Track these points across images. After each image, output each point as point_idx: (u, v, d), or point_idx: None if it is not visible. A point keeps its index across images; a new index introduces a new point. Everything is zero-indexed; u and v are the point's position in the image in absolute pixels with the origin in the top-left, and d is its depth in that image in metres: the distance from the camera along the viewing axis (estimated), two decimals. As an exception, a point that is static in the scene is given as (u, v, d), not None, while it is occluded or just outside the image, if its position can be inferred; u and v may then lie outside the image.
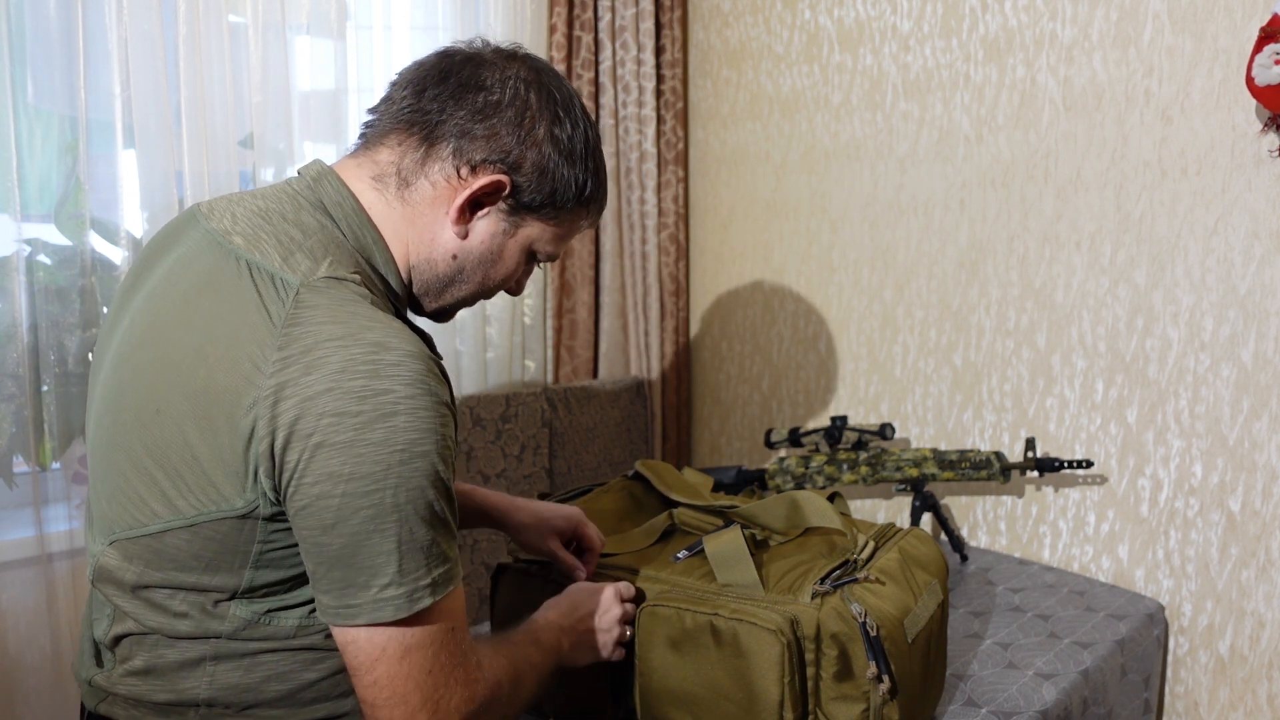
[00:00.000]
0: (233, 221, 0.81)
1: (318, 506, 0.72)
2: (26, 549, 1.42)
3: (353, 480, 0.70)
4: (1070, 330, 1.53)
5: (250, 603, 0.79)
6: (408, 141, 0.84)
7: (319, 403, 0.70)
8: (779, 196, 1.98)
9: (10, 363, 1.38)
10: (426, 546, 0.74)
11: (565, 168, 0.86)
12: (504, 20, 1.86)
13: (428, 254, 0.87)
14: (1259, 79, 1.24)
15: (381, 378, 0.71)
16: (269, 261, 0.77)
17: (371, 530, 0.72)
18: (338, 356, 0.71)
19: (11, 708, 1.41)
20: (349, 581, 0.73)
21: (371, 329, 0.73)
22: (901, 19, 1.72)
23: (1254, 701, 1.38)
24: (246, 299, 0.75)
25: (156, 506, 0.77)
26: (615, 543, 1.15)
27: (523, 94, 0.84)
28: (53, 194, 1.43)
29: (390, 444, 0.71)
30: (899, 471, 1.55)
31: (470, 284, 0.90)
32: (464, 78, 0.84)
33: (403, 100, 0.85)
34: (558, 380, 2.03)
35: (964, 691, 1.16)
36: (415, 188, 0.85)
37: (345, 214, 0.83)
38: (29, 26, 1.37)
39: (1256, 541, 1.36)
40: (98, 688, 0.84)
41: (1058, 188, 1.53)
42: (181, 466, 0.75)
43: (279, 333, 0.73)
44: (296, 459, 0.71)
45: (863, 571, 1.00)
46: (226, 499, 0.74)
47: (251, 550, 0.77)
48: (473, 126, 0.83)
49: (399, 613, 0.73)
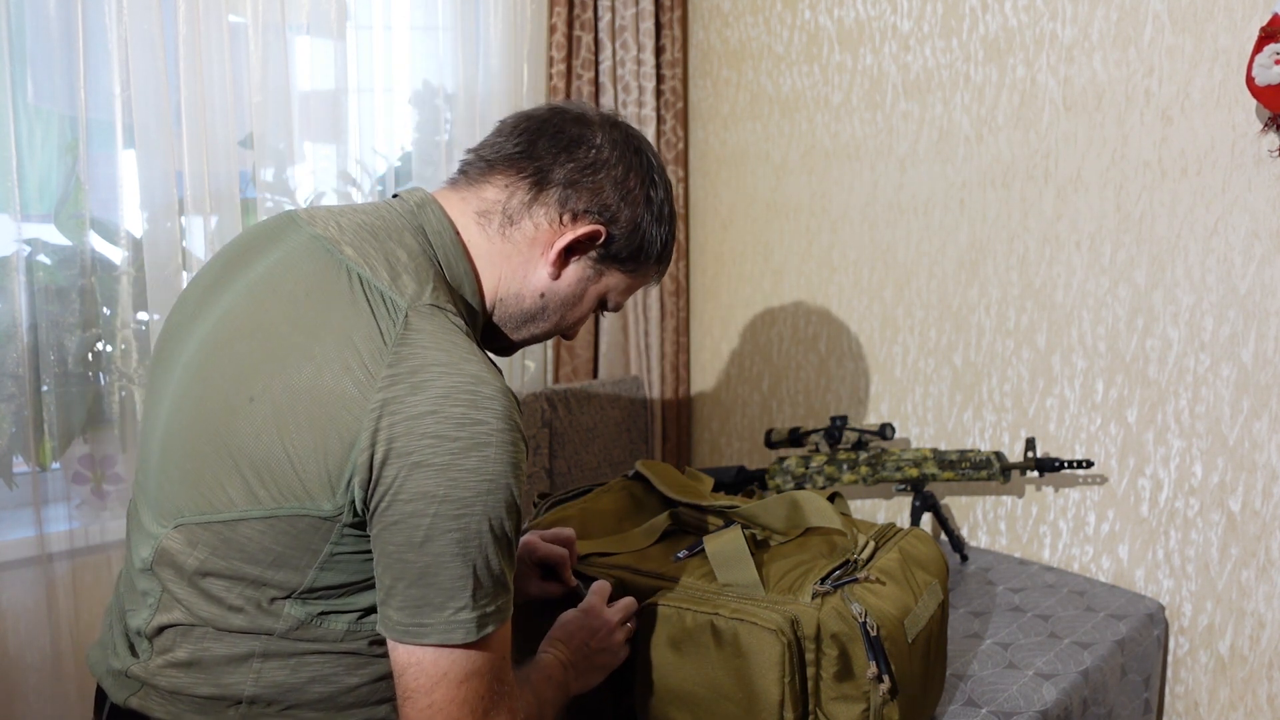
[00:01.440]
0: (339, 231, 0.85)
1: (409, 524, 0.74)
2: (27, 549, 1.42)
3: (445, 502, 0.74)
4: (1070, 330, 1.53)
5: (306, 603, 0.81)
6: (517, 183, 0.90)
7: (422, 424, 0.73)
8: (779, 196, 1.98)
9: (10, 363, 1.38)
10: (497, 574, 0.77)
11: (654, 227, 0.94)
12: (504, 20, 1.86)
13: (518, 289, 0.92)
14: (1259, 79, 1.24)
15: (480, 409, 0.75)
16: (379, 279, 0.80)
17: (456, 553, 0.75)
18: (442, 382, 0.75)
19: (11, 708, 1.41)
20: (425, 600, 0.75)
21: (470, 361, 0.77)
22: (901, 19, 1.72)
23: (1254, 701, 1.38)
24: (359, 310, 0.78)
25: (234, 494, 0.78)
26: (615, 543, 1.14)
27: (627, 157, 0.92)
28: (53, 194, 1.43)
29: (482, 473, 0.74)
30: (899, 471, 1.55)
31: (548, 323, 0.96)
32: (574, 135, 0.91)
33: (515, 145, 0.91)
34: (558, 380, 2.03)
35: (964, 691, 1.16)
36: (519, 226, 0.90)
37: (444, 244, 0.88)
38: (29, 26, 1.37)
39: (1256, 541, 1.36)
40: (134, 678, 0.84)
41: (1058, 188, 1.53)
42: (269, 458, 0.77)
43: (390, 350, 0.76)
44: (394, 475, 0.74)
45: (863, 571, 1.00)
46: (313, 498, 0.76)
47: (323, 550, 0.78)
48: (580, 178, 0.90)
49: (469, 636, 0.76)
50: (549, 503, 1.26)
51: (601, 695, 1.05)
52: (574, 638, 0.98)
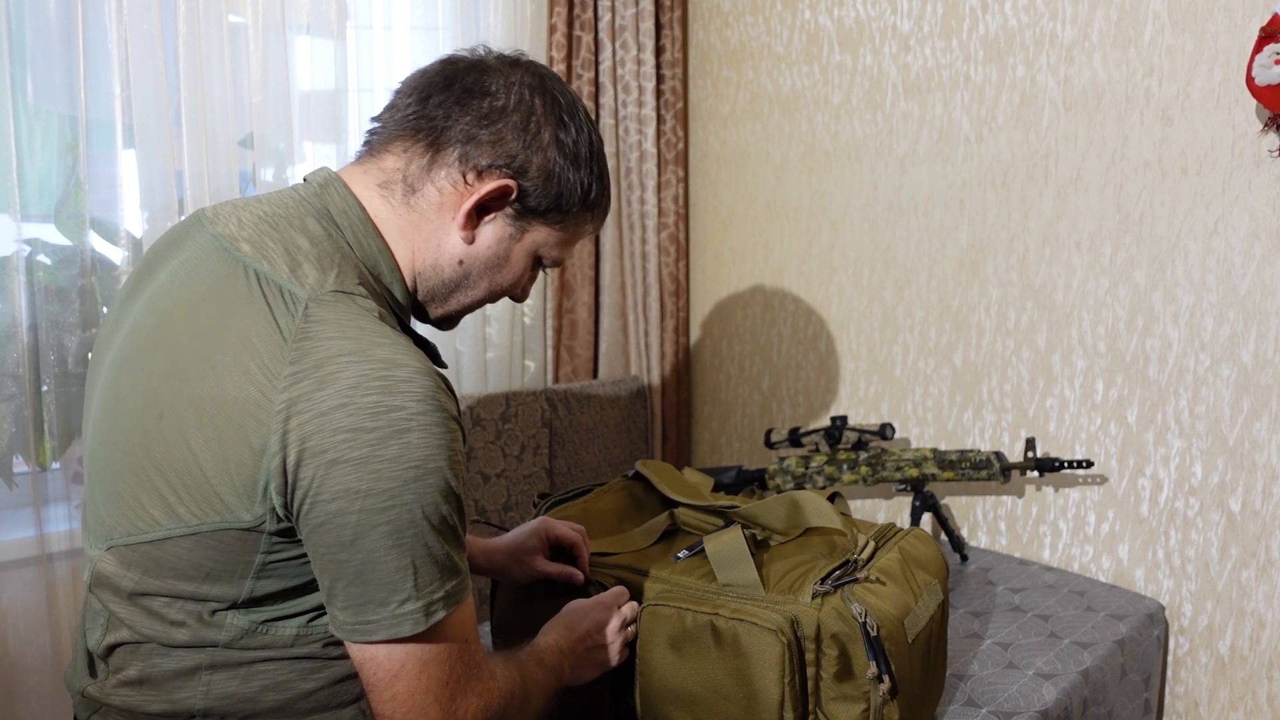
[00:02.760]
0: (239, 227, 0.81)
1: (335, 524, 0.71)
2: (26, 549, 1.41)
3: (369, 496, 0.70)
4: (1070, 330, 1.53)
5: (249, 612, 0.78)
6: (414, 148, 0.85)
7: (333, 419, 0.70)
8: (779, 196, 1.98)
9: (10, 363, 1.38)
10: (441, 560, 0.74)
11: (570, 172, 0.87)
12: (504, 20, 1.86)
13: (434, 260, 0.87)
14: (1259, 79, 1.24)
15: (394, 394, 0.71)
16: (277, 272, 0.77)
17: (390, 546, 0.72)
18: (350, 372, 0.71)
19: (11, 708, 1.41)
20: (367, 598, 0.73)
21: (381, 345, 0.73)
22: (901, 19, 1.72)
23: (1254, 701, 1.38)
24: (257, 310, 0.75)
25: (156, 514, 0.76)
26: (615, 543, 1.15)
27: (528, 99, 0.85)
28: (53, 194, 1.43)
29: (405, 460, 0.71)
30: (899, 471, 1.55)
31: (476, 290, 0.91)
32: (469, 84, 0.84)
33: (407, 107, 0.86)
34: (558, 380, 2.03)
35: (964, 691, 1.16)
36: (422, 194, 0.85)
37: (351, 222, 0.84)
38: (29, 26, 1.37)
39: (1256, 541, 1.36)
40: (90, 699, 0.83)
41: (1058, 188, 1.53)
42: (184, 474, 0.74)
43: (290, 347, 0.72)
44: (311, 476, 0.71)
45: (863, 571, 1.00)
46: (232, 510, 0.74)
47: (254, 561, 0.76)
48: (478, 132, 0.83)
49: (417, 627, 0.73)
50: (549, 503, 1.26)
51: (602, 695, 1.05)
52: (578, 625, 0.97)
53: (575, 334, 2.04)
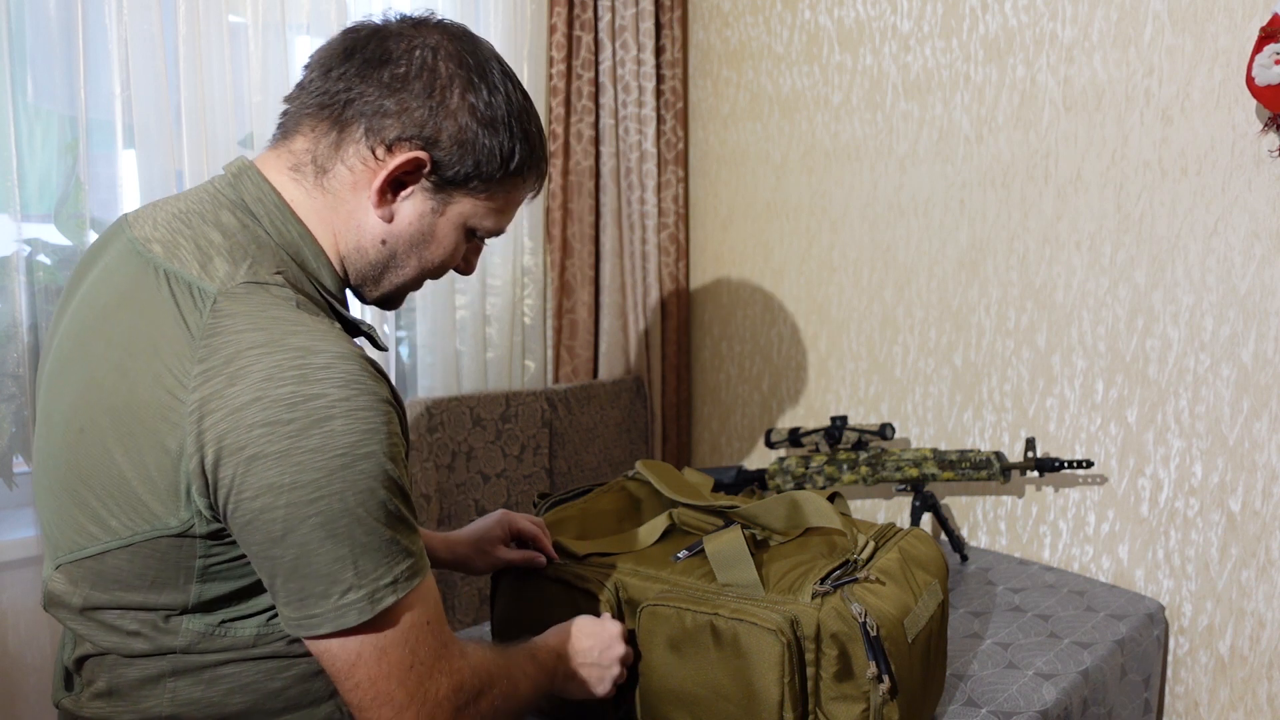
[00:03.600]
0: (153, 228, 0.78)
1: (262, 520, 0.69)
2: (27, 549, 1.41)
3: (295, 489, 0.68)
4: (1070, 330, 1.53)
5: (203, 616, 0.77)
6: (319, 126, 0.81)
7: (246, 414, 0.68)
8: (779, 196, 1.98)
9: (10, 363, 1.38)
10: (383, 546, 0.72)
11: (487, 136, 0.82)
12: (504, 20, 1.86)
13: (356, 241, 0.83)
14: (1259, 79, 1.24)
15: (311, 382, 0.68)
16: (186, 270, 0.74)
17: (324, 538, 0.69)
18: (261, 364, 0.68)
19: (12, 707, 1.41)
20: (307, 592, 0.71)
21: (296, 333, 0.70)
22: (901, 19, 1.72)
23: (1254, 701, 1.38)
24: (164, 311, 0.72)
25: (92, 528, 0.75)
26: (615, 543, 1.15)
27: (430, 62, 0.80)
28: (53, 194, 1.43)
29: (329, 449, 0.68)
30: (899, 471, 1.55)
31: (406, 268, 0.87)
32: (369, 53, 0.80)
33: (311, 84, 0.82)
34: (558, 380, 2.03)
35: (964, 691, 1.16)
36: (333, 174, 0.81)
37: (267, 210, 0.80)
38: (29, 26, 1.37)
39: (1256, 541, 1.36)
40: (67, 711, 0.83)
41: (1058, 188, 1.53)
42: (110, 486, 0.73)
43: (198, 345, 0.70)
44: (231, 474, 0.68)
45: (863, 571, 1.00)
46: (159, 518, 0.72)
47: (195, 566, 0.74)
48: (383, 103, 0.79)
49: (363, 616, 0.71)
50: (549, 503, 1.26)
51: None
52: (583, 638, 0.96)
53: (575, 334, 2.04)
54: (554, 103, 1.94)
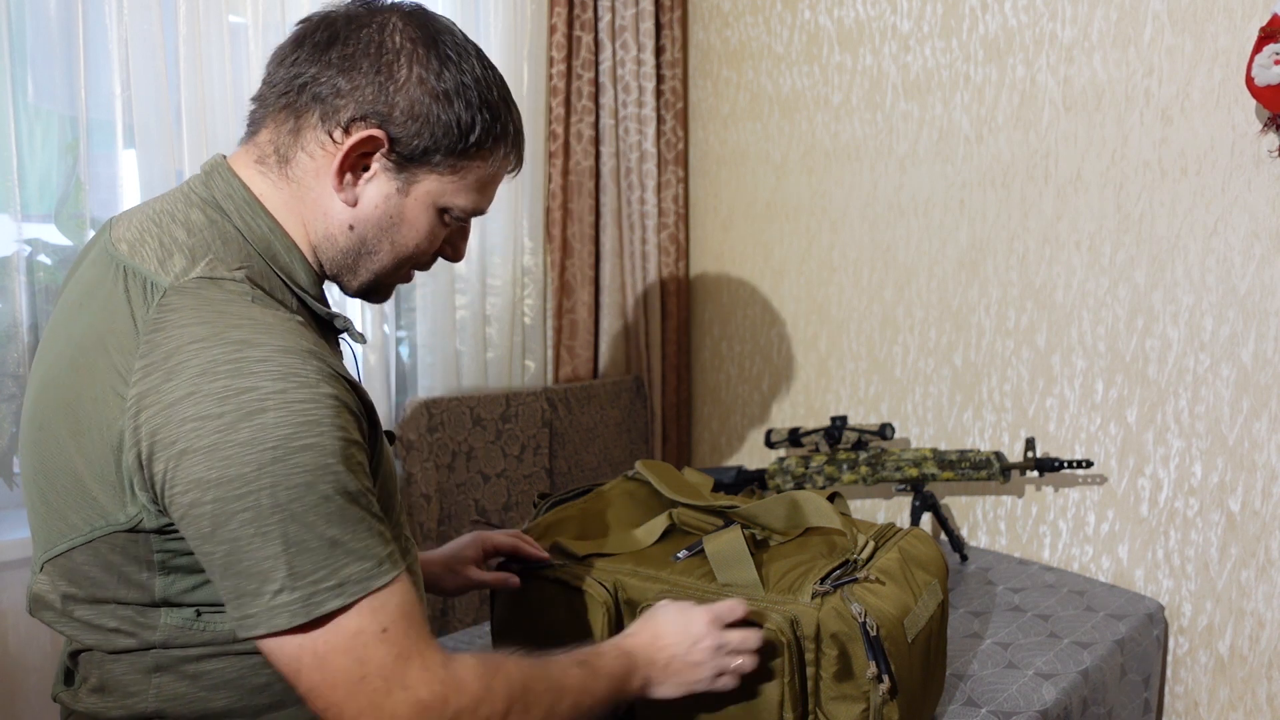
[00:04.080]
0: (126, 228, 0.78)
1: (192, 516, 0.67)
2: (26, 549, 1.41)
3: (221, 485, 0.66)
4: (1070, 330, 1.53)
5: (178, 610, 0.76)
6: (279, 117, 0.81)
7: (179, 409, 0.67)
8: (779, 196, 1.98)
9: (10, 363, 1.38)
10: (325, 546, 0.68)
11: (440, 109, 0.79)
12: (504, 20, 1.86)
13: (325, 229, 0.82)
14: (1259, 79, 1.24)
15: (244, 375, 0.67)
16: (145, 265, 0.74)
17: (252, 535, 0.66)
18: (198, 360, 0.67)
19: (12, 707, 1.41)
20: (241, 590, 0.68)
21: (239, 326, 0.69)
22: (901, 19, 1.72)
23: (1254, 701, 1.38)
24: (118, 306, 0.72)
25: (58, 525, 0.75)
26: (615, 543, 1.14)
27: (378, 39, 0.79)
28: (53, 194, 1.43)
29: (260, 443, 0.66)
30: (899, 471, 1.55)
31: (381, 254, 0.85)
32: (319, 39, 0.79)
33: (270, 78, 0.82)
34: (558, 380, 2.03)
35: (964, 691, 1.16)
36: (295, 163, 0.81)
37: (236, 205, 0.80)
38: (29, 26, 1.37)
39: (1256, 541, 1.36)
40: (63, 704, 0.83)
41: (1058, 188, 1.53)
42: (67, 481, 0.73)
43: (141, 340, 0.70)
44: (163, 469, 0.68)
45: (863, 571, 1.00)
46: (110, 513, 0.72)
47: (153, 559, 0.74)
48: (336, 83, 0.78)
49: (295, 619, 0.67)
50: (549, 503, 1.26)
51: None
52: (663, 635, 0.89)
53: (575, 334, 2.04)
54: (554, 103, 1.94)
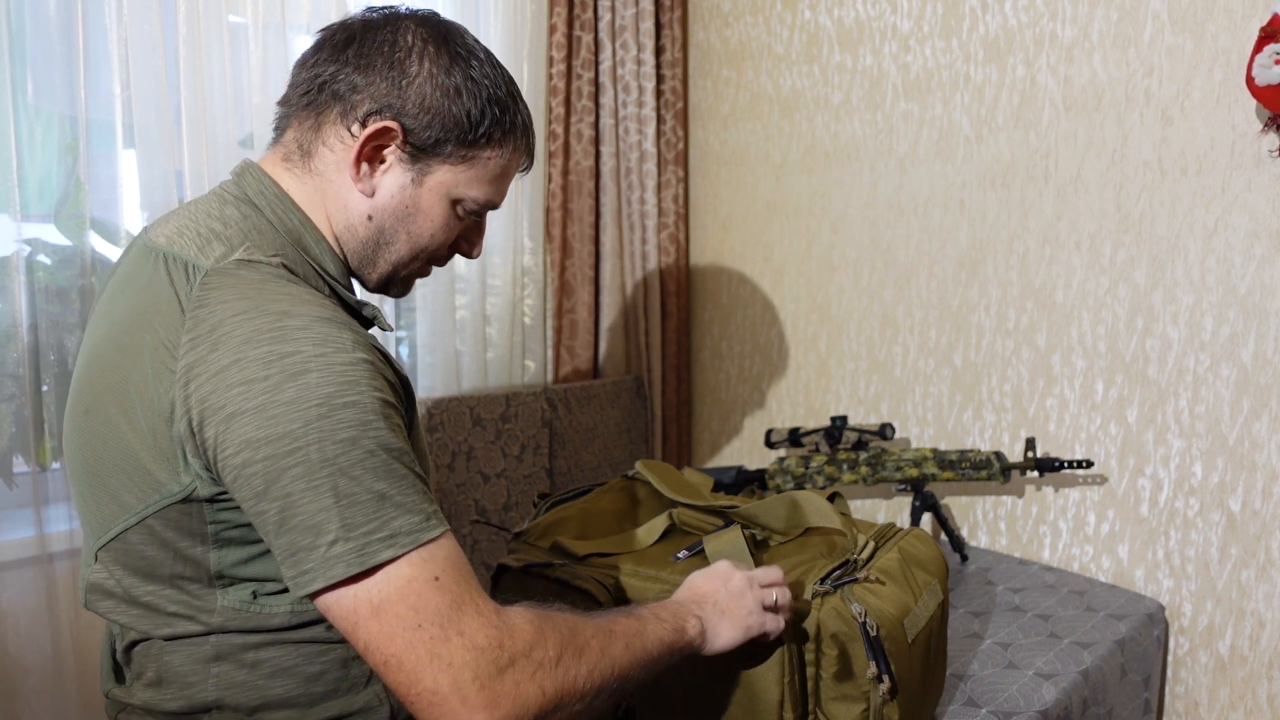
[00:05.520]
0: (163, 227, 0.83)
1: (245, 476, 0.70)
2: (27, 549, 1.42)
3: (271, 442, 0.69)
4: (1070, 330, 1.53)
5: (234, 589, 0.79)
6: (302, 115, 0.87)
7: (226, 376, 0.70)
8: (779, 196, 1.98)
9: (10, 363, 1.38)
10: (375, 499, 0.70)
11: (453, 102, 0.85)
12: (504, 20, 1.86)
13: (346, 221, 0.88)
14: (1259, 79, 1.24)
15: (286, 341, 0.71)
16: (185, 252, 0.78)
17: (304, 489, 0.69)
18: (242, 330, 0.71)
19: (12, 707, 1.41)
20: (296, 546, 0.70)
21: (278, 300, 0.73)
22: (901, 19, 1.72)
23: (1254, 701, 1.38)
24: (160, 288, 0.77)
25: (111, 507, 0.78)
26: (615, 543, 1.14)
27: (391, 38, 0.85)
28: (53, 194, 1.43)
29: (305, 400, 0.69)
30: (899, 471, 1.55)
31: (398, 244, 0.90)
32: (337, 40, 0.86)
33: (294, 81, 0.88)
34: (558, 380, 2.03)
35: (964, 691, 1.16)
36: (318, 157, 0.86)
37: (269, 201, 0.85)
38: (29, 26, 1.37)
39: (1256, 541, 1.36)
40: (116, 700, 0.85)
41: (1058, 188, 1.53)
42: (120, 460, 0.76)
43: (187, 316, 0.74)
44: (214, 434, 0.71)
45: (863, 571, 1.00)
46: (164, 485, 0.75)
47: (207, 532, 0.77)
48: (353, 80, 0.84)
49: (350, 569, 0.68)
50: (549, 503, 1.26)
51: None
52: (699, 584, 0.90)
53: (575, 334, 2.04)
54: (554, 103, 1.94)
